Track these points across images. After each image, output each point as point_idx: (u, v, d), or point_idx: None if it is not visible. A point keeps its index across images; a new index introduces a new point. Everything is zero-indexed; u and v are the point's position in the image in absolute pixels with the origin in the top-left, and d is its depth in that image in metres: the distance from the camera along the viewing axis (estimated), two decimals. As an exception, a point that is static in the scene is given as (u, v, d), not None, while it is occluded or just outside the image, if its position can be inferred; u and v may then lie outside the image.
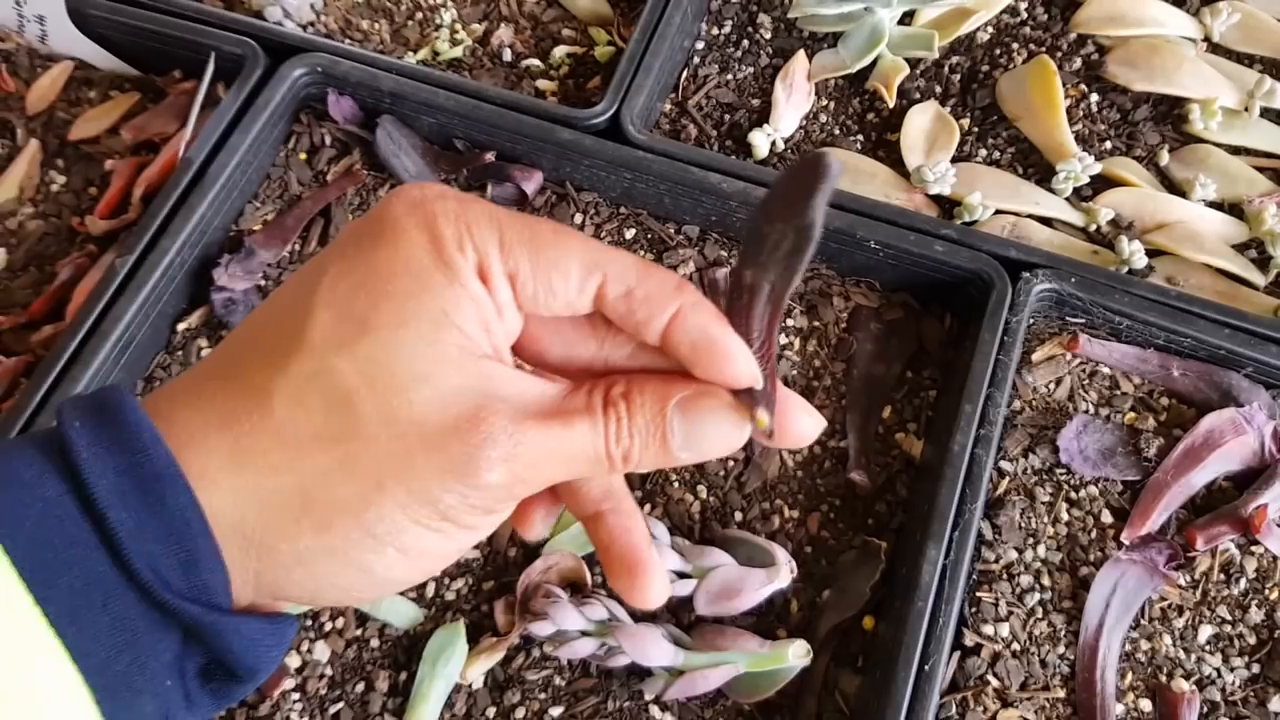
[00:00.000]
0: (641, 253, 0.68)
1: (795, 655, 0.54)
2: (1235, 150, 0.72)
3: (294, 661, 0.56)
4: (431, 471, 0.30)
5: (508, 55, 0.76)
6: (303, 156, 0.70)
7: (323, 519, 0.30)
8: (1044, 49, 0.76)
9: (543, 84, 0.75)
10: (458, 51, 0.76)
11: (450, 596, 0.58)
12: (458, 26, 0.78)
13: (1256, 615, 0.57)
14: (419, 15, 0.78)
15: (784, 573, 0.56)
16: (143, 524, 0.28)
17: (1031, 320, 0.63)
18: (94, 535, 0.28)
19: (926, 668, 0.52)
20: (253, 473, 0.29)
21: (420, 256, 0.30)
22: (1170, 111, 0.74)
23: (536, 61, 0.76)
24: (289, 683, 0.55)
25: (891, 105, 0.74)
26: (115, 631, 0.28)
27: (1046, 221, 0.70)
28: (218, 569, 0.29)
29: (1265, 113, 0.73)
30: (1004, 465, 0.60)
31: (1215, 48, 0.76)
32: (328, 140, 0.71)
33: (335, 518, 0.30)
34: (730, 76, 0.76)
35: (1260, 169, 0.71)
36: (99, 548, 0.28)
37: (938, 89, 0.75)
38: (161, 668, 0.29)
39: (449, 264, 0.30)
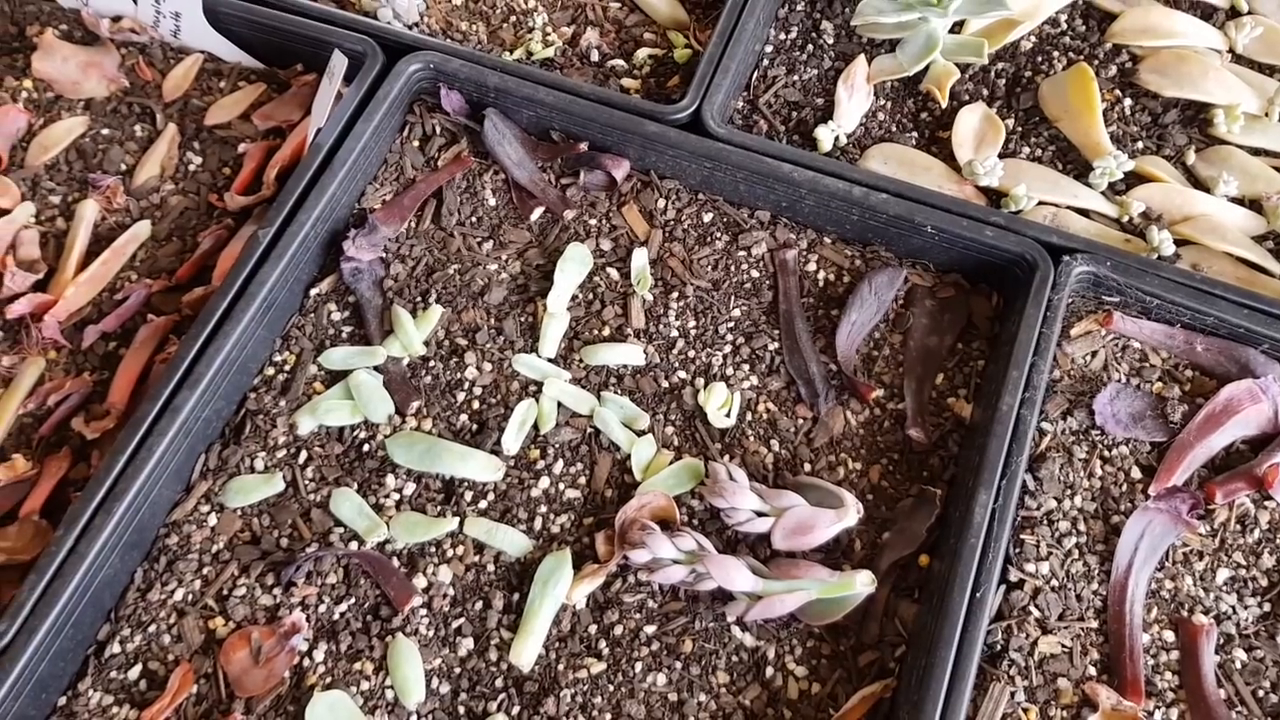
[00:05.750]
0: (718, 235, 0.76)
1: (862, 583, 0.61)
2: (1256, 151, 0.80)
3: (420, 583, 0.64)
4: None
5: (595, 56, 0.84)
6: (416, 144, 0.79)
7: None
8: (1082, 57, 0.83)
9: (627, 82, 0.83)
10: (549, 52, 0.84)
11: (555, 530, 0.66)
12: (549, 29, 0.86)
13: (1269, 561, 0.64)
14: (513, 18, 0.86)
15: (851, 513, 0.63)
16: None
17: (1071, 299, 0.71)
18: None
19: (978, 595, 0.60)
20: None
21: None
22: (1197, 115, 0.81)
23: (621, 61, 0.84)
24: (417, 600, 0.63)
25: (944, 106, 0.81)
26: None
27: (1084, 212, 0.77)
28: None
29: (1284, 118, 0.80)
30: (1045, 426, 0.68)
31: (1239, 58, 0.84)
32: (438, 129, 0.79)
33: None
34: (796, 77, 0.84)
35: (1279, 169, 0.79)
36: None
37: (985, 92, 0.83)
38: None
39: None
